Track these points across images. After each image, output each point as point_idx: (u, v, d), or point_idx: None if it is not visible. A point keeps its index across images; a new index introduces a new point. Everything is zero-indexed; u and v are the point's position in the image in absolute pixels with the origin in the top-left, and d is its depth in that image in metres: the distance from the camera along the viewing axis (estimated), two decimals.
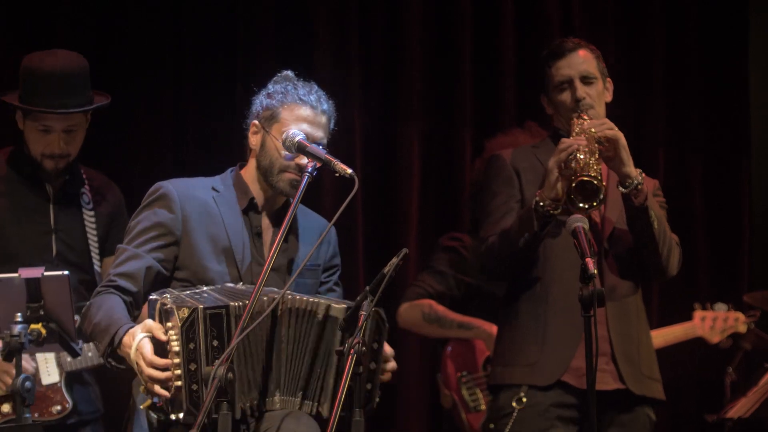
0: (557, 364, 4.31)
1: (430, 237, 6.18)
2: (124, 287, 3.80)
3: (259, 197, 3.97)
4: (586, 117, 4.32)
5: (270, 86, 3.97)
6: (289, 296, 3.65)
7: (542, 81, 4.52)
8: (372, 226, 6.26)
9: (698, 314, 5.65)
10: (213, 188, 3.97)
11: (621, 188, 4.25)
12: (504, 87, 6.49)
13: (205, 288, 3.72)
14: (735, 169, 6.75)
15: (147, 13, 6.03)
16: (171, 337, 3.50)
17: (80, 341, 4.41)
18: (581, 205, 4.12)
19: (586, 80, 4.40)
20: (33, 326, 4.11)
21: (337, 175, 3.72)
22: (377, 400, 3.66)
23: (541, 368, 4.32)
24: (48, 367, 4.70)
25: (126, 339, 3.61)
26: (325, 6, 6.30)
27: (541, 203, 4.18)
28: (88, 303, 3.89)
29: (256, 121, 3.94)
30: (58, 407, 4.68)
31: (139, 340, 3.57)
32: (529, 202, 4.33)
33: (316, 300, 3.67)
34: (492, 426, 4.47)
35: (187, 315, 3.49)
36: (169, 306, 3.52)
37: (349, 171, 3.69)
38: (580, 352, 4.23)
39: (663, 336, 5.52)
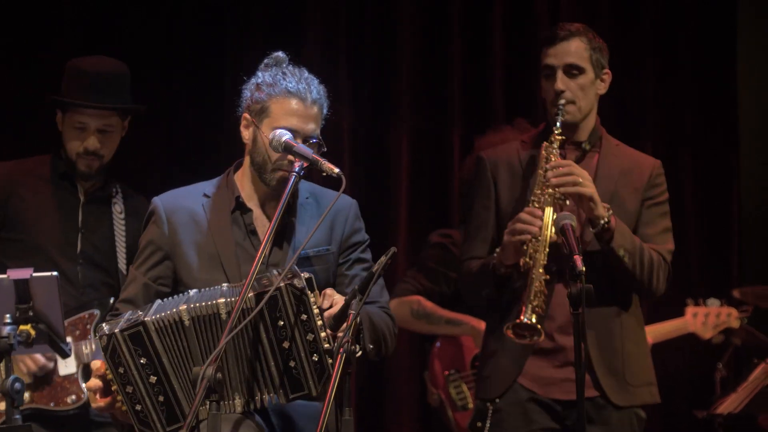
0: (505, 376, 4.30)
1: (420, 235, 6.18)
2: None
3: (251, 195, 3.92)
4: (555, 151, 4.24)
5: (260, 74, 3.88)
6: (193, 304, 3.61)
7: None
8: None
9: (690, 310, 5.65)
10: (204, 194, 3.94)
11: (591, 229, 4.21)
12: (493, 85, 6.49)
13: (177, 296, 3.69)
14: (724, 164, 6.75)
15: (138, 14, 6.03)
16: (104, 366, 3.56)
17: (69, 341, 4.44)
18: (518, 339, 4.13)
19: (570, 72, 4.30)
20: (22, 327, 4.12)
21: (325, 174, 3.70)
22: (331, 366, 3.56)
23: (492, 381, 4.33)
24: (65, 359, 4.72)
25: None
26: (315, 5, 6.30)
27: (497, 266, 4.19)
28: None
29: (247, 114, 3.87)
30: (73, 397, 4.74)
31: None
32: (503, 211, 4.33)
33: (213, 302, 3.59)
34: (479, 425, 4.47)
35: (106, 342, 3.54)
36: (97, 337, 3.56)
37: (336, 170, 3.66)
38: (549, 362, 4.26)
39: (655, 332, 5.51)
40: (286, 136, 3.76)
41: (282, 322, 3.58)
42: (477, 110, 6.47)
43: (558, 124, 4.27)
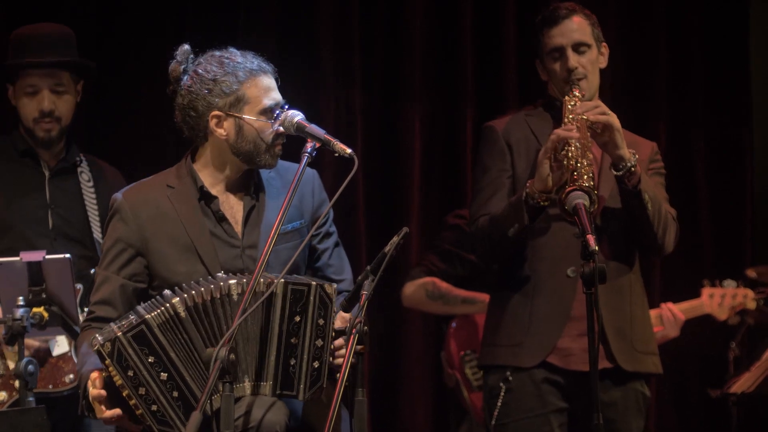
0: (542, 345, 4.24)
1: (432, 217, 6.18)
2: (104, 317, 3.75)
3: (214, 183, 3.86)
4: (578, 93, 4.25)
5: (205, 70, 3.81)
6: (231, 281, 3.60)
7: (536, 46, 4.42)
8: (373, 206, 6.25)
9: (706, 291, 5.62)
10: (168, 185, 3.86)
11: (614, 171, 4.17)
12: (505, 66, 6.46)
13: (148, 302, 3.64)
14: (737, 143, 6.73)
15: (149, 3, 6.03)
16: (112, 374, 3.49)
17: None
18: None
19: (579, 49, 4.32)
20: (35, 310, 4.15)
21: (337, 155, 3.68)
22: (326, 379, 3.60)
23: (525, 349, 4.25)
24: (56, 337, 4.69)
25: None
26: None
27: (532, 195, 4.11)
28: (77, 340, 3.87)
29: (218, 111, 3.79)
30: (71, 376, 4.66)
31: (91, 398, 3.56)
32: (520, 177, 4.29)
33: (224, 284, 3.59)
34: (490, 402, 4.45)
35: (110, 348, 3.47)
36: (97, 347, 3.49)
37: (349, 151, 3.65)
38: (566, 332, 4.22)
39: None
40: (298, 116, 3.76)
41: (298, 318, 3.58)
42: (489, 92, 6.45)
43: (579, 86, 4.27)
